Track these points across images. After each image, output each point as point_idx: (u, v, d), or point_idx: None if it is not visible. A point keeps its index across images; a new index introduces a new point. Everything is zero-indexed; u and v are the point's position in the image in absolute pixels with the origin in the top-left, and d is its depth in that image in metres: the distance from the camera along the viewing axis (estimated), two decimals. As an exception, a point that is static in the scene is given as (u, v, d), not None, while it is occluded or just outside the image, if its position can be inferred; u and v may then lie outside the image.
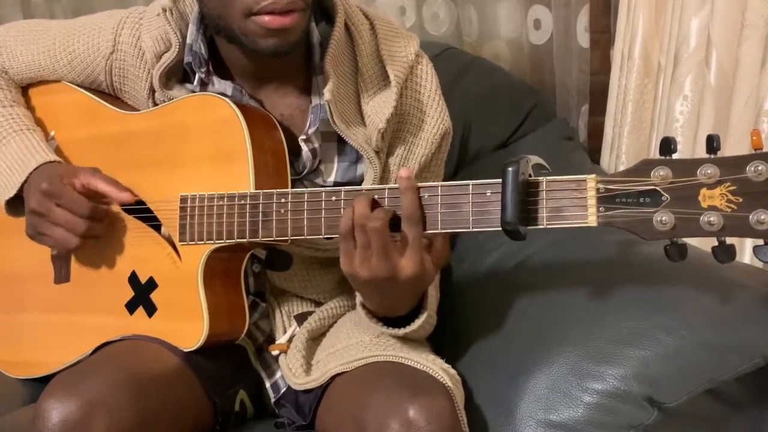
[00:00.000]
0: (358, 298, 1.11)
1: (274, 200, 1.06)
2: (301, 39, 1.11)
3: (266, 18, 1.05)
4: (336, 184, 1.20)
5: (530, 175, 0.94)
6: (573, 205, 0.92)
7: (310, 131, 1.16)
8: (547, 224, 0.93)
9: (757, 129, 0.90)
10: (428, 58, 1.22)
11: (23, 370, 1.28)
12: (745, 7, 1.25)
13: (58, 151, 1.24)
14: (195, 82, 1.18)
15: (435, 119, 1.19)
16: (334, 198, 1.03)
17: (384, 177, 1.18)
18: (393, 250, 0.98)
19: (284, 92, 1.19)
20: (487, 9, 1.83)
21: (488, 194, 0.96)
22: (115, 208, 1.19)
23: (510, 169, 0.91)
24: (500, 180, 0.92)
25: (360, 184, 1.18)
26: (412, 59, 1.18)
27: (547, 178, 0.93)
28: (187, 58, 1.17)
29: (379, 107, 1.15)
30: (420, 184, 0.99)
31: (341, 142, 1.19)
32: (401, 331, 1.10)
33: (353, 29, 1.18)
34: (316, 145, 1.17)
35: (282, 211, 1.06)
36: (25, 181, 1.17)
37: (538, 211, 0.93)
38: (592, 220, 0.91)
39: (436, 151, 1.20)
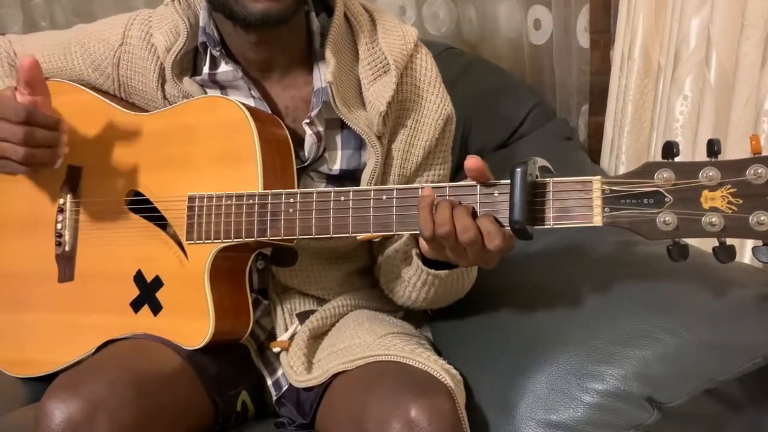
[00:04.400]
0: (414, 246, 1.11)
1: (283, 200, 1.07)
2: (289, 13, 1.12)
3: None
4: (341, 171, 1.21)
5: (537, 176, 0.95)
6: (579, 205, 0.93)
7: (313, 113, 1.17)
8: (553, 224, 0.94)
9: (756, 134, 0.92)
10: (427, 49, 1.24)
11: (26, 368, 1.28)
12: (745, 7, 1.25)
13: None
14: (205, 68, 1.20)
15: (436, 105, 1.20)
16: (342, 198, 1.04)
17: (387, 163, 1.20)
18: (486, 247, 0.97)
19: (287, 83, 1.21)
20: (487, 9, 1.84)
21: (496, 195, 0.97)
22: (122, 207, 1.19)
23: (518, 169, 0.92)
24: (508, 180, 0.93)
25: (363, 171, 1.20)
26: (411, 48, 1.20)
27: (554, 179, 0.95)
28: (201, 39, 1.19)
29: (379, 91, 1.16)
30: (429, 185, 1.00)
31: (344, 129, 1.20)
32: (454, 270, 1.10)
33: (353, 19, 1.21)
34: (320, 128, 1.19)
35: (290, 210, 1.07)
36: None
37: (545, 211, 0.94)
38: (597, 221, 0.93)
39: (440, 137, 1.22)
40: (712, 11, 1.31)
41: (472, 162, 0.96)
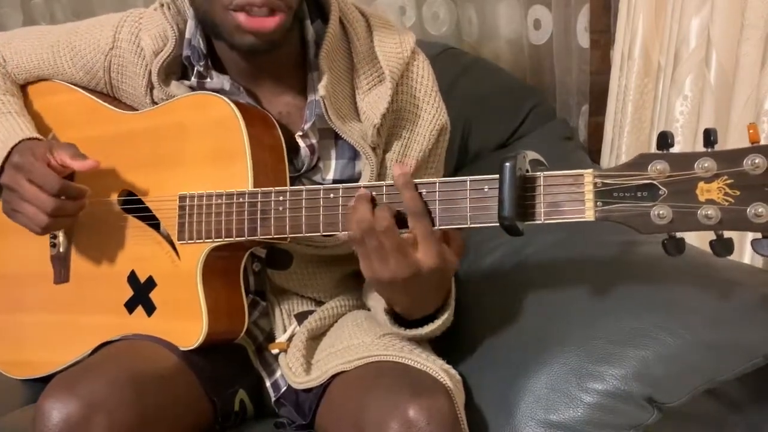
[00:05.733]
0: (380, 308, 1.10)
1: (272, 198, 1.06)
2: (281, 39, 1.11)
3: (243, 18, 1.06)
4: (335, 181, 1.20)
5: (528, 171, 0.94)
6: (570, 199, 0.91)
7: (306, 127, 1.16)
8: (544, 219, 0.93)
9: (753, 123, 0.90)
10: (424, 55, 1.22)
11: (23, 370, 1.28)
12: (745, 7, 1.25)
13: None
14: (193, 77, 1.18)
15: (431, 115, 1.19)
16: (332, 195, 1.03)
17: (381, 173, 1.19)
18: (408, 247, 0.97)
19: (280, 90, 1.20)
20: (487, 9, 1.83)
21: (486, 190, 0.95)
22: (115, 207, 1.19)
23: (507, 164, 0.91)
24: (498, 175, 0.92)
25: (358, 181, 1.18)
26: (407, 55, 1.18)
27: (545, 173, 0.93)
28: (186, 52, 1.17)
29: (374, 103, 1.15)
30: (417, 181, 0.99)
31: (339, 139, 1.19)
32: (425, 330, 1.08)
33: (348, 26, 1.19)
34: (314, 141, 1.18)
35: (280, 209, 1.06)
36: (6, 160, 1.16)
37: (536, 206, 0.93)
38: (589, 215, 0.91)
39: (434, 147, 1.21)
40: (712, 11, 1.31)
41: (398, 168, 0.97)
